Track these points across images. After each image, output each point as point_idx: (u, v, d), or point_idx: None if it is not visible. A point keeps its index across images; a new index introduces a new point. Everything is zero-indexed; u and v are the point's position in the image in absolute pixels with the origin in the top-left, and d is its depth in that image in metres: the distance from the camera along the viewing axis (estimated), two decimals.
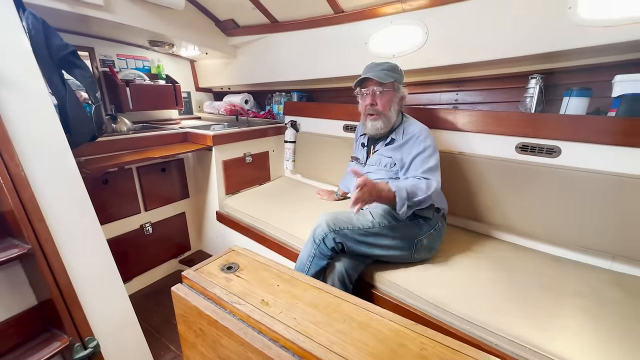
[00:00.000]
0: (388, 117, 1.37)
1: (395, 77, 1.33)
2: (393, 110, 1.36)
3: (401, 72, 1.38)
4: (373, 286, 1.25)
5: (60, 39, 1.25)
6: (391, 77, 1.32)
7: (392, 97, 1.35)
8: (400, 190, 1.15)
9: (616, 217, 1.21)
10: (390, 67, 1.34)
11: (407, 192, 1.15)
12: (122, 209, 1.77)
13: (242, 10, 2.02)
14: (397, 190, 1.14)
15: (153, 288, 1.96)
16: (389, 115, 1.36)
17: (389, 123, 1.38)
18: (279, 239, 1.63)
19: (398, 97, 1.37)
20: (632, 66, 1.33)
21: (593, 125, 1.26)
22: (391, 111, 1.36)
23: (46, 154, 1.06)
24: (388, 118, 1.37)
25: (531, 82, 1.51)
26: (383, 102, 1.35)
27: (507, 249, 1.43)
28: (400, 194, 1.14)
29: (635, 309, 1.01)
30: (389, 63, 1.35)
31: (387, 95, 1.34)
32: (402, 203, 1.15)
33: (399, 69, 1.37)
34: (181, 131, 2.01)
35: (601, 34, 1.21)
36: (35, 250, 1.01)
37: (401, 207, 1.15)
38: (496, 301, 1.06)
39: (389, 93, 1.34)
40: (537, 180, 1.38)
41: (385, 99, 1.34)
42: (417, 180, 1.22)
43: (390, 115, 1.37)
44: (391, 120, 1.38)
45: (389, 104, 1.35)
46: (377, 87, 1.34)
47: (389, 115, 1.37)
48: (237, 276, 0.72)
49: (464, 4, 1.45)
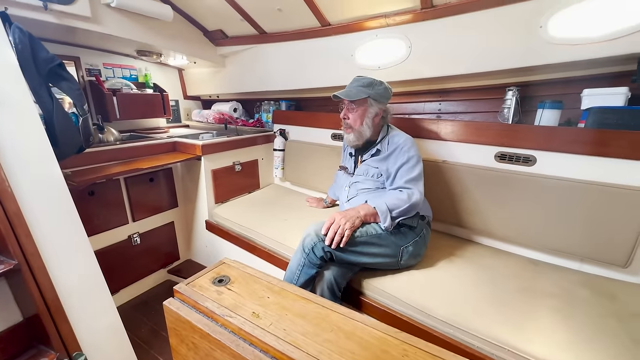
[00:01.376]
0: (359, 131, 1.41)
1: (368, 93, 1.35)
2: (365, 125, 1.39)
3: (379, 88, 1.37)
4: (361, 293, 1.29)
5: (47, 52, 1.25)
6: (364, 92, 1.35)
7: (363, 113, 1.38)
8: (379, 205, 1.22)
9: (584, 222, 1.30)
10: (366, 83, 1.37)
11: (387, 206, 1.22)
12: (109, 220, 1.76)
13: (231, 21, 2.05)
14: (377, 205, 1.21)
15: (141, 299, 1.94)
16: (360, 129, 1.40)
17: (360, 137, 1.42)
18: (268, 248, 1.65)
19: (372, 113, 1.38)
20: (600, 80, 1.43)
21: (565, 136, 1.35)
22: (363, 126, 1.40)
23: (32, 168, 1.05)
24: (359, 132, 1.41)
25: (508, 94, 1.59)
26: (354, 117, 1.40)
27: (488, 253, 1.49)
28: (380, 208, 1.21)
29: (601, 308, 1.08)
30: (367, 79, 1.38)
31: (358, 111, 1.39)
32: (384, 216, 1.22)
33: (375, 85, 1.37)
34: (170, 141, 2.02)
35: (569, 51, 1.30)
36: (22, 266, 1.00)
37: (384, 220, 1.22)
38: (477, 305, 1.11)
39: (360, 109, 1.39)
40: (515, 187, 1.45)
41: (357, 114, 1.39)
42: (398, 192, 1.28)
43: (362, 129, 1.40)
44: (363, 135, 1.41)
45: (360, 119, 1.39)
46: (349, 102, 1.40)
47: (361, 130, 1.40)
48: (228, 289, 0.75)
49: (443, 20, 1.52)
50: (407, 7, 1.56)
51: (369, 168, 1.46)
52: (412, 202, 1.25)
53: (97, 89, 2.10)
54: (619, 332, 0.97)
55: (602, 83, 1.39)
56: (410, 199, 1.25)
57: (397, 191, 1.30)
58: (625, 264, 1.24)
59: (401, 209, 1.23)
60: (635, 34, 1.16)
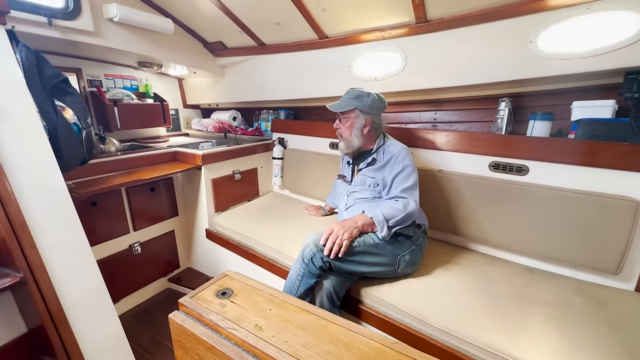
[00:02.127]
0: (349, 141, 1.47)
1: (355, 105, 1.41)
2: (354, 135, 1.45)
3: (367, 100, 1.41)
4: (360, 302, 1.31)
5: (52, 68, 1.28)
6: (351, 104, 1.42)
7: (353, 123, 1.45)
8: (376, 215, 1.27)
9: (577, 230, 1.33)
10: (354, 95, 1.43)
11: (383, 215, 1.26)
12: (110, 230, 1.78)
13: (230, 33, 2.10)
14: (374, 215, 1.27)
15: (142, 308, 1.96)
16: (350, 139, 1.47)
17: (350, 146, 1.48)
18: (268, 257, 1.67)
19: (360, 124, 1.43)
20: (589, 92, 1.48)
21: (556, 147, 1.39)
22: (351, 136, 1.45)
23: (38, 181, 1.08)
24: (348, 142, 1.47)
25: (501, 104, 1.64)
26: (344, 128, 1.48)
27: (484, 261, 1.53)
28: (377, 217, 1.26)
29: (593, 315, 1.11)
30: (356, 91, 1.44)
31: (347, 122, 1.46)
32: (381, 226, 1.26)
33: (363, 97, 1.41)
34: (170, 150, 2.05)
35: (558, 65, 1.35)
36: (27, 279, 1.03)
37: (382, 229, 1.26)
38: (473, 313, 1.14)
39: (350, 119, 1.45)
40: (509, 196, 1.49)
41: (347, 124, 1.47)
42: (394, 201, 1.32)
43: (351, 139, 1.46)
44: (352, 144, 1.47)
45: (349, 129, 1.46)
46: (340, 113, 1.47)
47: (350, 140, 1.46)
48: (231, 301, 0.77)
49: (437, 34, 1.57)
50: (403, 21, 1.61)
51: (365, 178, 1.49)
52: (407, 212, 1.29)
53: (99, 100, 2.14)
54: (610, 339, 1.00)
55: (591, 95, 1.44)
56: (406, 209, 1.29)
57: (393, 201, 1.34)
58: (616, 271, 1.27)
59: (397, 218, 1.27)
60: (620, 50, 1.20)
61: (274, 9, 1.74)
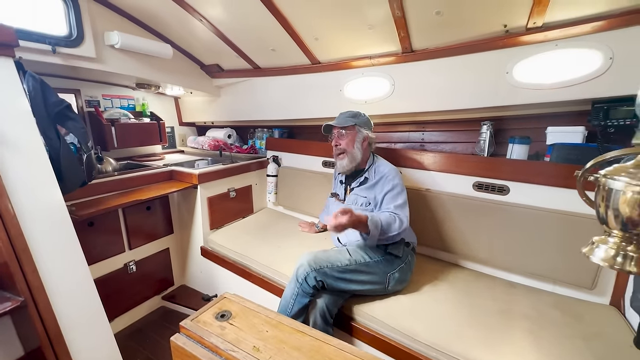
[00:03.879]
0: (352, 154, 1.56)
1: (354, 121, 1.55)
2: (356, 148, 1.55)
3: (363, 118, 1.58)
4: (352, 319, 1.36)
5: (56, 96, 1.34)
6: (351, 121, 1.55)
7: (354, 137, 1.55)
8: (373, 216, 1.30)
9: (555, 247, 1.42)
10: (352, 114, 1.57)
11: (380, 222, 1.31)
12: (106, 249, 1.80)
13: (227, 57, 2.19)
14: (370, 217, 1.29)
15: (136, 327, 1.95)
16: (352, 152, 1.56)
17: (354, 159, 1.56)
18: (263, 275, 1.71)
19: (361, 137, 1.55)
20: (563, 117, 1.60)
21: (534, 169, 1.49)
22: (354, 149, 1.56)
23: (40, 205, 1.12)
24: (352, 155, 1.56)
25: (483, 127, 1.75)
26: (346, 141, 1.56)
27: (470, 276, 1.60)
28: (373, 219, 1.29)
29: (569, 328, 1.19)
30: (352, 111, 1.58)
31: (349, 136, 1.56)
32: (374, 226, 1.28)
33: (360, 115, 1.58)
34: (167, 170, 2.09)
35: (532, 94, 1.47)
36: (28, 302, 1.05)
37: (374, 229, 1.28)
38: (459, 328, 1.20)
39: (351, 134, 1.56)
40: (492, 214, 1.58)
41: (348, 138, 1.56)
42: (393, 216, 1.37)
43: (354, 152, 1.56)
44: (356, 157, 1.56)
45: (351, 142, 1.55)
46: (340, 130, 1.57)
47: (353, 152, 1.56)
48: (230, 324, 0.82)
49: (422, 62, 1.68)
50: (390, 50, 1.72)
51: (357, 197, 1.56)
52: (401, 229, 1.35)
53: (96, 120, 2.18)
54: (584, 352, 1.07)
55: (564, 120, 1.57)
56: (401, 226, 1.35)
57: (392, 215, 1.38)
58: (591, 285, 1.36)
59: (391, 233, 1.33)
60: (587, 82, 1.33)
61: (269, 37, 1.84)
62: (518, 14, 1.30)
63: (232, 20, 1.81)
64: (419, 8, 1.39)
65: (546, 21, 1.30)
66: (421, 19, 1.45)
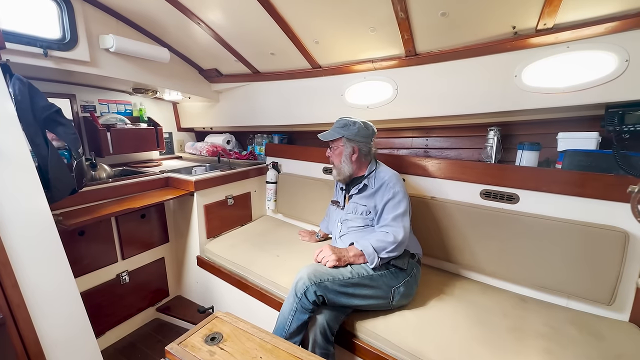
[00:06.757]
0: (339, 168, 1.51)
1: (342, 134, 1.46)
2: (343, 162, 1.49)
3: (353, 128, 1.45)
4: (355, 336, 1.28)
5: (45, 100, 1.28)
6: (338, 133, 1.47)
7: (341, 151, 1.49)
8: (366, 247, 1.29)
9: (568, 259, 1.34)
10: (341, 125, 1.48)
11: (373, 247, 1.28)
12: (98, 259, 1.73)
13: (226, 61, 2.14)
14: (363, 247, 1.30)
15: (128, 340, 1.87)
16: (340, 167, 1.51)
17: (341, 173, 1.52)
18: (261, 287, 1.63)
19: (348, 151, 1.47)
20: (575, 122, 1.53)
21: (545, 177, 1.42)
22: (342, 164, 1.49)
23: (23, 216, 1.05)
24: (339, 169, 1.51)
25: (490, 133, 1.68)
26: (334, 156, 1.53)
27: (478, 289, 1.51)
28: (367, 250, 1.28)
29: (589, 348, 1.11)
30: (343, 120, 1.49)
31: (337, 150, 1.51)
32: (371, 258, 1.28)
33: (350, 126, 1.45)
34: (162, 176, 2.03)
35: (542, 98, 1.40)
36: (7, 320, 0.98)
37: (372, 261, 1.28)
38: (469, 348, 1.12)
39: (338, 148, 1.50)
40: (501, 224, 1.50)
41: (336, 152, 1.52)
42: (384, 234, 1.32)
43: (341, 167, 1.50)
44: (343, 171, 1.50)
45: (338, 157, 1.50)
46: (330, 142, 1.53)
47: (340, 167, 1.50)
48: (220, 348, 0.75)
49: (426, 66, 1.62)
50: (393, 54, 1.67)
51: (357, 206, 1.49)
52: (398, 242, 1.30)
53: (91, 125, 2.13)
54: None
55: (576, 126, 1.50)
56: (396, 239, 1.30)
57: (383, 233, 1.34)
58: (609, 301, 1.27)
59: (387, 249, 1.29)
60: (600, 86, 1.26)
61: (269, 41, 1.79)
62: (527, 15, 1.25)
63: (231, 24, 1.76)
64: (424, 9, 1.33)
65: (557, 22, 1.24)
66: (425, 20, 1.39)
